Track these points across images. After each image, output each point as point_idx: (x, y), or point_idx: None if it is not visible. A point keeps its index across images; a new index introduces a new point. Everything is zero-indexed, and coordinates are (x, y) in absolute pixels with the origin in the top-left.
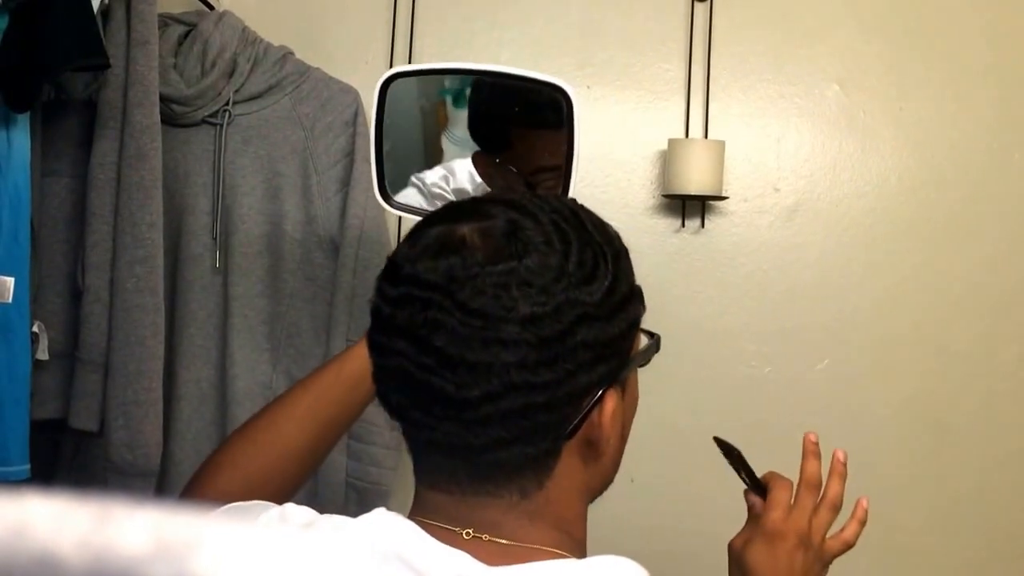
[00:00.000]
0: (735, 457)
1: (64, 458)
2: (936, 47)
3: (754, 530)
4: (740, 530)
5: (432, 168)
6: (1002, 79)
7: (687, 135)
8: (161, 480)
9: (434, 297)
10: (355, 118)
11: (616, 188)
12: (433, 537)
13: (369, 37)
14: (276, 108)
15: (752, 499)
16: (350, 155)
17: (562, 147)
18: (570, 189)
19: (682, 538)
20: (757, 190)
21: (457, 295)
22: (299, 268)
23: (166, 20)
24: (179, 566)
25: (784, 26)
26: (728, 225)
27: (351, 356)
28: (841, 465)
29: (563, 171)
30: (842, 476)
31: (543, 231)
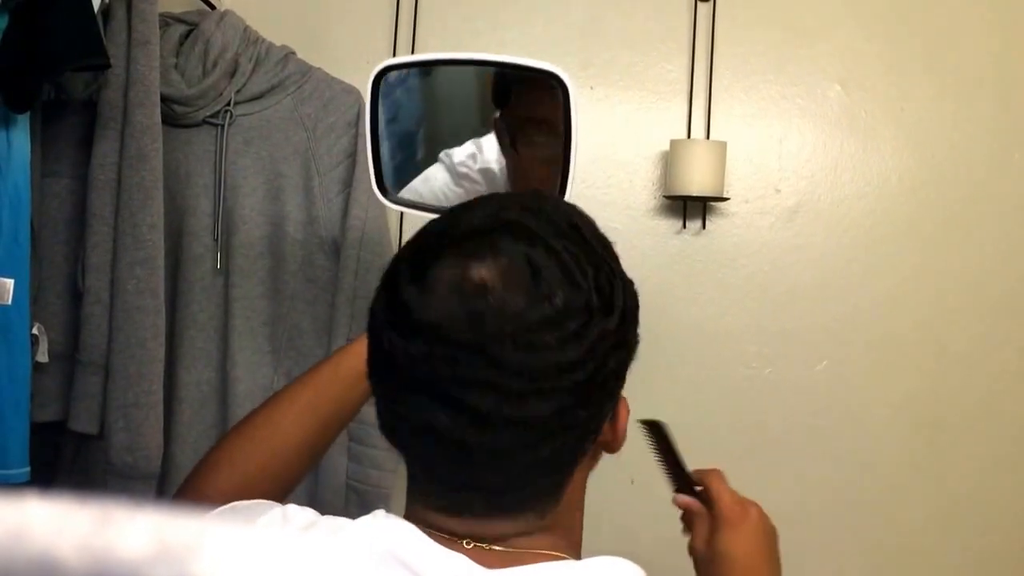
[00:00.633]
0: (663, 444)
1: (64, 461)
2: (937, 48)
3: (712, 525)
4: (691, 535)
5: (463, 145)
6: (1003, 80)
7: (689, 136)
8: (162, 483)
9: (464, 355)
10: (357, 119)
11: (618, 189)
12: (433, 541)
13: (371, 37)
14: (278, 109)
15: (684, 500)
16: (352, 156)
17: (555, 110)
18: (570, 175)
19: (682, 540)
20: (758, 191)
21: (491, 351)
22: (300, 270)
23: (167, 20)
24: (179, 569)
25: (786, 26)
26: (729, 226)
27: (349, 353)
28: None
29: (562, 159)
30: None
31: (559, 261)
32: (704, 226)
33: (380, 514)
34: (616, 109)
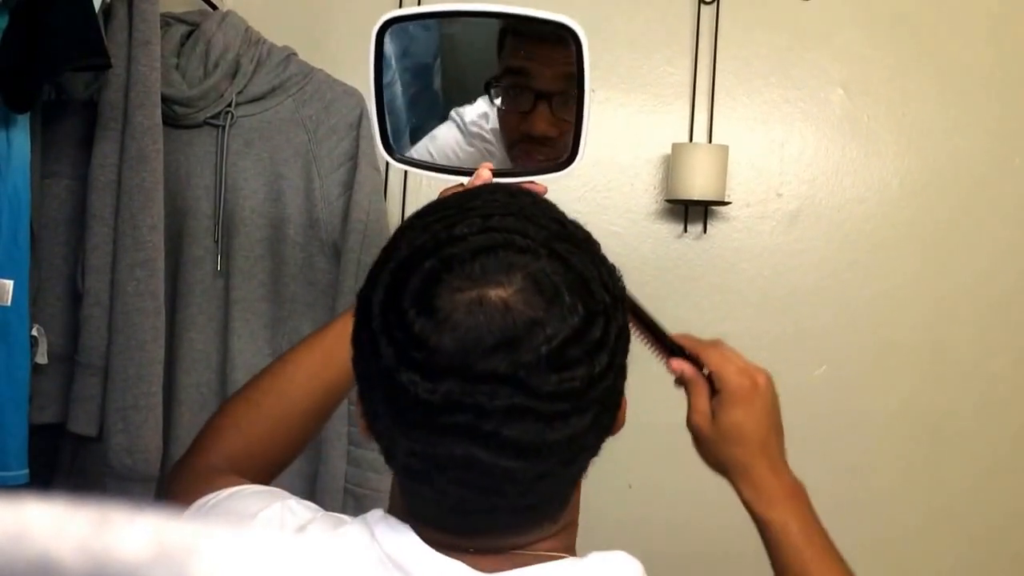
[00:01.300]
0: (637, 313)
1: (63, 463)
2: (940, 53)
3: (717, 400)
4: (689, 406)
5: (474, 103)
6: (1004, 85)
7: (691, 139)
8: (160, 485)
9: (500, 387)
10: (359, 121)
11: (619, 193)
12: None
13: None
14: (279, 110)
15: (679, 365)
16: (354, 158)
17: (560, 77)
18: (583, 134)
19: (680, 543)
20: (760, 195)
21: (526, 378)
22: (301, 272)
23: (168, 20)
24: (178, 571)
25: (789, 30)
26: (730, 230)
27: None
28: None
29: (575, 116)
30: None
31: (568, 267)
32: (705, 230)
33: (378, 514)
34: (618, 112)
